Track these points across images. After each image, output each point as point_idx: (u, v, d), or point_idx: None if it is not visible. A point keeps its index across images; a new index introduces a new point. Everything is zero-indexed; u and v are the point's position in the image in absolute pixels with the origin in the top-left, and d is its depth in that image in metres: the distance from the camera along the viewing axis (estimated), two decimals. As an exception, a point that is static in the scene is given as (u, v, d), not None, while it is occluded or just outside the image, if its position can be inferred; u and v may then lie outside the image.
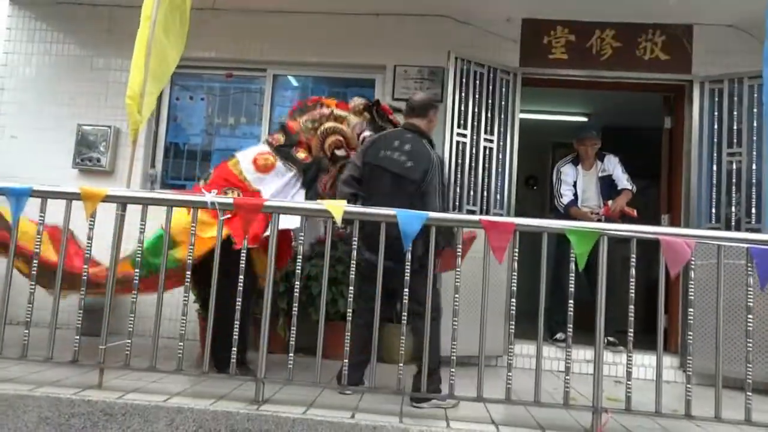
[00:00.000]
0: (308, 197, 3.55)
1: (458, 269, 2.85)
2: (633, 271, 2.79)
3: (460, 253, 2.89)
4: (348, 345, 2.87)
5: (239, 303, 2.88)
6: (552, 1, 4.87)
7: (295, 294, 2.91)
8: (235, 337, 2.88)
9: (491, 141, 4.80)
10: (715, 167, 4.71)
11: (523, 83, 5.00)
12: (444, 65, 4.92)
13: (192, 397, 2.84)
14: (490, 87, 4.83)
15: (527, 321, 3.55)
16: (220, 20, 5.18)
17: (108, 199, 2.94)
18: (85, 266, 2.98)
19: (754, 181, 4.50)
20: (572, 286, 2.82)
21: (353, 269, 2.94)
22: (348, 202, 2.99)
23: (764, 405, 3.38)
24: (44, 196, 2.99)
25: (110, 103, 5.20)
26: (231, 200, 2.96)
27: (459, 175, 4.64)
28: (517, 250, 2.83)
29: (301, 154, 3.64)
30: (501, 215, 4.62)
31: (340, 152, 3.67)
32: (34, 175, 4.18)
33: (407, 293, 2.83)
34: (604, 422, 2.70)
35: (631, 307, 2.78)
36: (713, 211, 4.67)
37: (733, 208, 4.53)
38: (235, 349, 2.90)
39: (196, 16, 3.85)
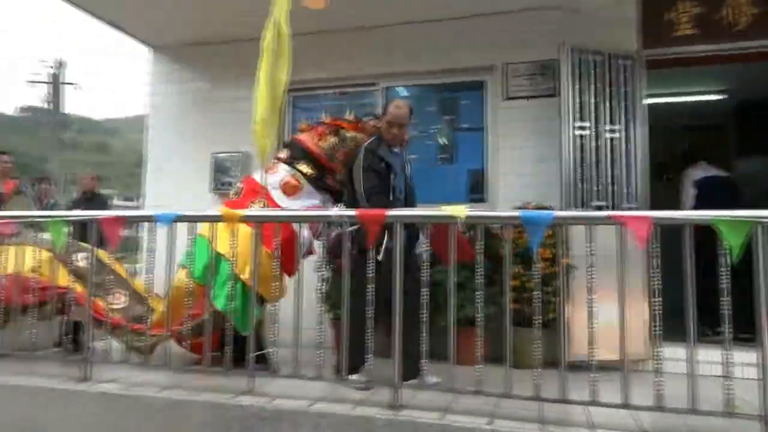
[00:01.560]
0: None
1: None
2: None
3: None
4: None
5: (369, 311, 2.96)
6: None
7: (423, 300, 2.93)
8: (367, 344, 2.97)
9: (615, 131, 4.53)
10: None
11: (647, 66, 4.66)
12: (555, 57, 4.75)
13: (334, 402, 2.97)
14: (610, 75, 4.57)
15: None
16: (327, 40, 5.41)
17: (246, 218, 3.20)
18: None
19: None
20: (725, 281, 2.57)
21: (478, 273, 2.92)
22: None
23: None
24: (189, 220, 3.31)
25: (239, 130, 5.62)
26: (353, 212, 3.08)
27: (582, 170, 4.43)
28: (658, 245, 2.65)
29: (330, 181, 3.90)
30: (632, 209, 4.34)
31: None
32: (177, 202, 4.59)
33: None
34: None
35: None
36: None
37: None
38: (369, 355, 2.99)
39: (303, 39, 4.04)
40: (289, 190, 3.77)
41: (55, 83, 35.94)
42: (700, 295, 2.69)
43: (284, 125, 5.68)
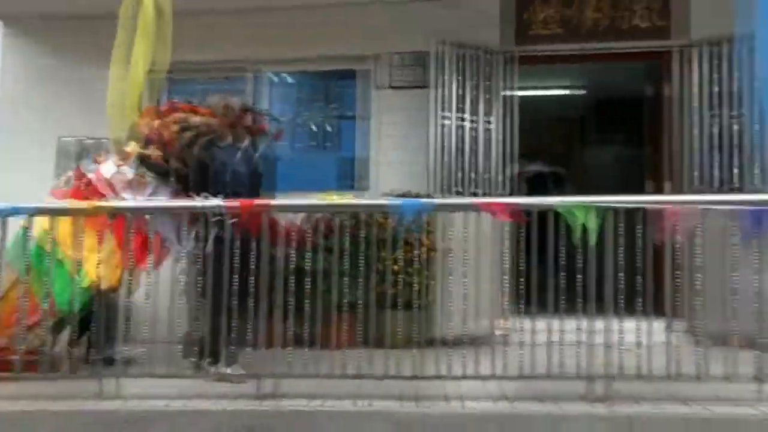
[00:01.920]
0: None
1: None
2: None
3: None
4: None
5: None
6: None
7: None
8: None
9: (485, 122, 4.80)
10: (699, 131, 4.63)
11: (513, 62, 4.94)
12: (426, 50, 4.89)
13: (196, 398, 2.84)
14: (478, 68, 4.81)
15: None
16: (201, 21, 5.12)
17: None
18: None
19: (746, 144, 4.43)
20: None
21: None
22: None
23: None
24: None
25: (92, 113, 5.12)
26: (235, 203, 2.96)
27: (454, 159, 4.61)
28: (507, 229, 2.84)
29: (156, 152, 3.63)
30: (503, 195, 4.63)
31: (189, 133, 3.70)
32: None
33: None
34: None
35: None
36: (715, 173, 4.56)
37: (735, 170, 4.45)
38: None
39: (174, 19, 3.82)
40: (135, 186, 3.56)
41: None
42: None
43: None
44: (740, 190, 4.26)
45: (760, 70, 3.45)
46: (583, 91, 7.38)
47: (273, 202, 3.05)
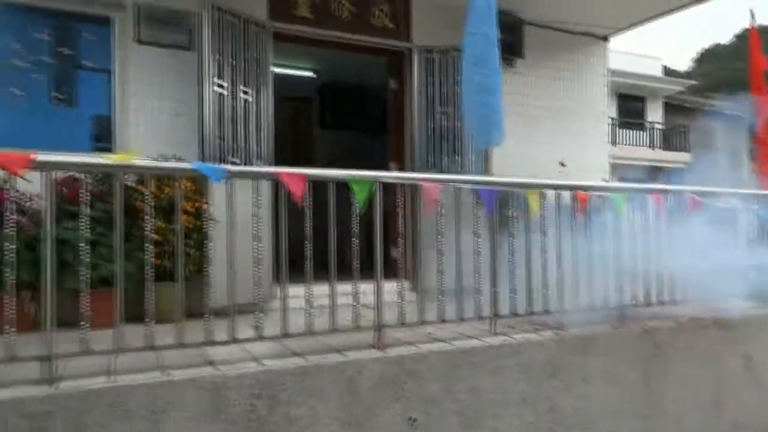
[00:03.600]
0: None
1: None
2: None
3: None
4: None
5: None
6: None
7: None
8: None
9: (248, 94, 4.87)
10: (430, 123, 5.73)
11: (274, 38, 5.14)
12: (191, 9, 4.74)
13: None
14: (245, 39, 4.85)
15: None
16: None
17: None
18: None
19: (457, 134, 5.66)
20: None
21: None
22: None
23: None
24: None
25: None
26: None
27: (220, 128, 4.60)
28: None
29: None
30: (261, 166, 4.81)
31: None
32: None
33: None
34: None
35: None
36: (430, 159, 5.70)
37: (445, 158, 5.63)
38: None
39: None
40: None
41: None
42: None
43: None
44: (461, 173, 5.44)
45: (464, 76, 4.25)
46: (333, 77, 8.01)
47: (51, 157, 2.62)
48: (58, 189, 3.84)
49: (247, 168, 4.32)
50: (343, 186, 3.21)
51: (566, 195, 3.87)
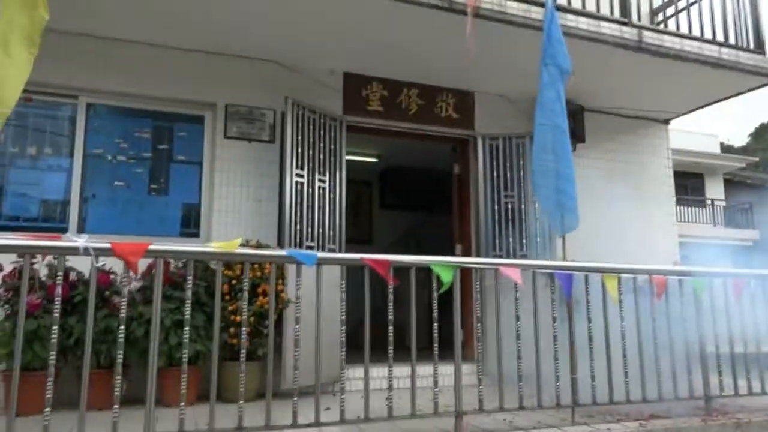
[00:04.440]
0: None
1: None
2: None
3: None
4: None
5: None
6: (368, 59, 5.50)
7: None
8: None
9: (323, 181, 5.18)
10: (495, 206, 5.87)
11: (346, 130, 5.51)
12: (273, 107, 5.21)
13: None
14: (321, 132, 5.23)
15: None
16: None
17: None
18: None
19: (523, 217, 5.76)
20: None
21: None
22: None
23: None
24: None
25: None
26: (107, 245, 2.75)
27: (299, 214, 4.88)
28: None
29: None
30: (334, 250, 5.02)
31: None
32: None
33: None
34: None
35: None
36: (496, 241, 5.79)
37: (510, 240, 5.70)
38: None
39: None
40: None
41: None
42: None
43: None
44: (525, 257, 5.49)
45: (535, 164, 4.40)
46: (395, 161, 8.39)
47: (163, 246, 2.89)
48: (146, 272, 4.15)
49: (336, 255, 4.52)
50: (404, 270, 3.30)
51: (641, 279, 3.85)
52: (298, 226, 4.83)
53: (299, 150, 4.98)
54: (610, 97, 6.25)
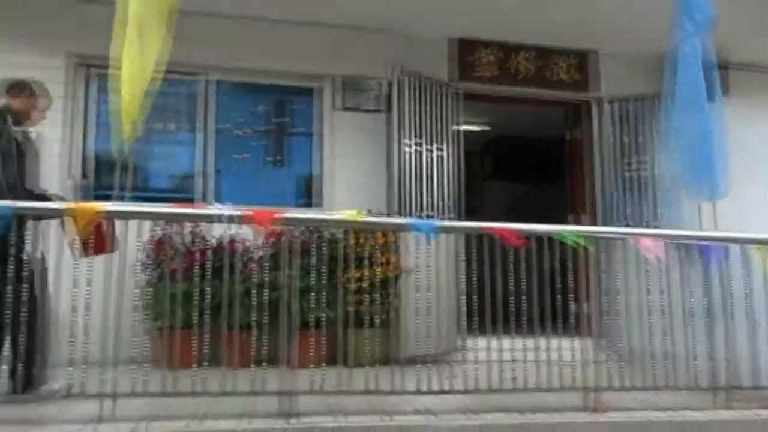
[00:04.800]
0: None
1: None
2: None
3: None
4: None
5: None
6: (481, 23, 5.28)
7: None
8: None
9: (435, 150, 5.11)
10: (619, 173, 5.49)
11: (458, 97, 5.37)
12: (384, 77, 5.16)
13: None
14: (433, 100, 5.14)
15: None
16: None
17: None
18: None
19: (652, 184, 5.34)
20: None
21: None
22: None
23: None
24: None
25: None
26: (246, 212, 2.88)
27: (411, 183, 4.85)
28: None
29: None
30: (454, 219, 4.96)
31: None
32: None
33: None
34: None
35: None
36: (620, 210, 5.42)
37: (639, 208, 5.31)
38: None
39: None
40: None
41: None
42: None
43: (87, 107, 4.89)
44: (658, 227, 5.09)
45: (669, 125, 4.00)
46: (506, 129, 8.11)
47: (293, 214, 2.99)
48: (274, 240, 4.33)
49: (455, 223, 4.43)
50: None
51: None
52: (409, 196, 4.81)
53: (411, 119, 4.93)
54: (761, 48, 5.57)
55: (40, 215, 2.86)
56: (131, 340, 2.79)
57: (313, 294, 4.12)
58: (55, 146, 4.60)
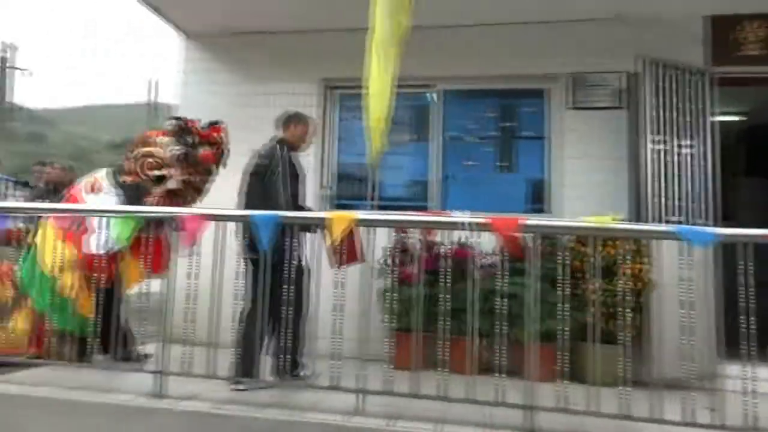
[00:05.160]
0: None
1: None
2: None
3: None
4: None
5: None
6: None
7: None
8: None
9: (686, 147, 4.50)
10: None
11: (714, 83, 4.67)
12: (619, 69, 4.75)
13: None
14: (681, 90, 4.55)
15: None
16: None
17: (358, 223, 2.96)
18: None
19: None
20: None
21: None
22: None
23: None
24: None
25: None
26: (485, 220, 2.88)
27: (659, 185, 4.36)
28: None
29: (127, 177, 4.16)
30: (707, 224, 4.31)
31: (159, 172, 4.10)
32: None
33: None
34: None
35: None
36: None
37: None
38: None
39: (354, 35, 3.82)
40: (89, 187, 4.15)
41: (2, 68, 34.00)
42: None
43: (333, 124, 5.46)
44: None
45: None
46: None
47: (537, 221, 2.90)
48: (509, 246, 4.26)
49: (740, 231, 3.84)
50: None
51: None
52: (657, 199, 4.32)
53: (655, 113, 4.43)
54: None
55: (307, 225, 3.25)
56: (371, 341, 3.00)
57: (558, 304, 3.98)
58: (310, 160, 5.20)
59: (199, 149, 4.20)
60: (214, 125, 4.36)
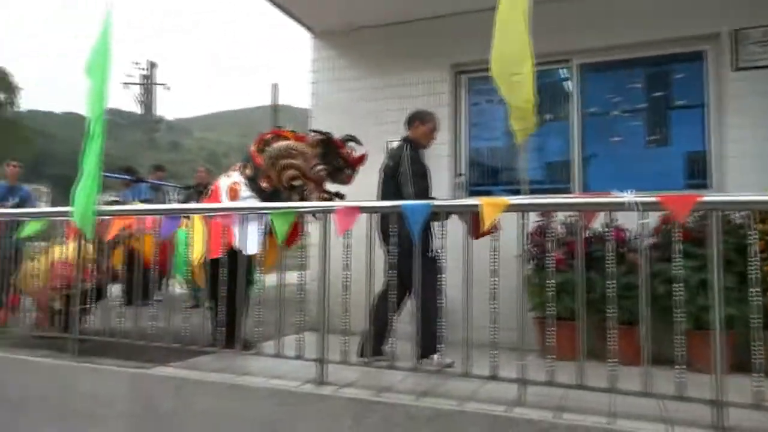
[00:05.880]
0: None
1: None
2: None
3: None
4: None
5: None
6: None
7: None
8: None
9: None
10: None
11: None
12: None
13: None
14: None
15: None
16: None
17: (511, 208, 2.84)
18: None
19: None
20: None
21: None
22: None
23: None
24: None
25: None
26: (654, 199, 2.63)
27: None
28: None
29: (264, 184, 4.18)
30: None
31: (297, 182, 4.14)
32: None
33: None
34: None
35: None
36: None
37: None
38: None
39: (482, 14, 3.63)
40: (230, 194, 4.22)
41: (148, 84, 37.77)
42: None
43: (465, 110, 5.35)
44: None
45: None
46: None
47: (717, 197, 2.60)
48: (658, 228, 3.91)
49: None
50: None
51: None
52: None
53: None
54: None
55: (451, 212, 3.20)
56: (513, 328, 2.88)
57: (739, 290, 3.58)
58: (444, 149, 5.13)
59: (344, 172, 4.30)
60: (357, 153, 4.37)
